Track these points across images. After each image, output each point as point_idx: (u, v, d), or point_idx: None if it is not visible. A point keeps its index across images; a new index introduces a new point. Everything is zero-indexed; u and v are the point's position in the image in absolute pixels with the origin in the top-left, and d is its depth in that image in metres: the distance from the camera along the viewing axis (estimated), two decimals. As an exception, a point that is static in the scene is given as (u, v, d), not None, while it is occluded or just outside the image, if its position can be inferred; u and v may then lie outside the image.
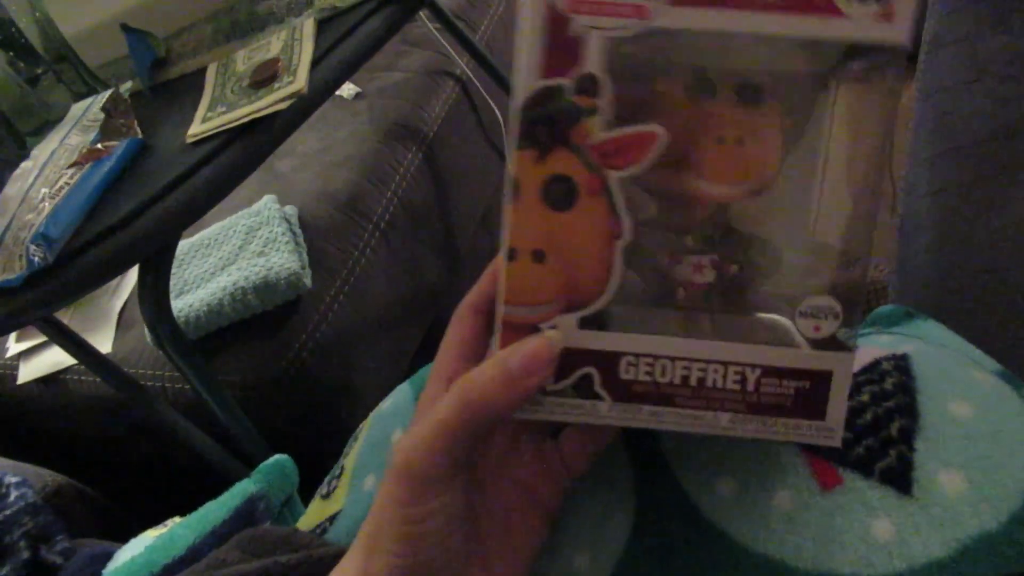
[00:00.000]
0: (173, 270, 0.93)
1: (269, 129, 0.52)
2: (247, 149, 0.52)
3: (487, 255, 1.22)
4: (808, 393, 0.28)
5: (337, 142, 1.01)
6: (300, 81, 0.52)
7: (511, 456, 0.33)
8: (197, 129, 0.52)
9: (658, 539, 0.32)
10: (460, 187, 1.10)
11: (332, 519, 0.45)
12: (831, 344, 0.27)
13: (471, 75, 1.11)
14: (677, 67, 0.27)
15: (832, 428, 0.28)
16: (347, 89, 1.07)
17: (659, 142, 0.27)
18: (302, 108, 0.53)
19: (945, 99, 0.64)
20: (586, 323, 0.28)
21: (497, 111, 1.16)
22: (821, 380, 0.27)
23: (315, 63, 0.54)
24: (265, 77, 0.54)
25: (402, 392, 0.50)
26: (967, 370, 0.32)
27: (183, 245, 0.95)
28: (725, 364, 0.28)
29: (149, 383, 0.88)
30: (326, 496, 0.48)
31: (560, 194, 0.28)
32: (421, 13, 1.11)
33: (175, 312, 0.85)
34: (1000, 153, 0.59)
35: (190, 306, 0.85)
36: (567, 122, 0.27)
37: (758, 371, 0.28)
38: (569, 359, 0.28)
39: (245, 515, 0.53)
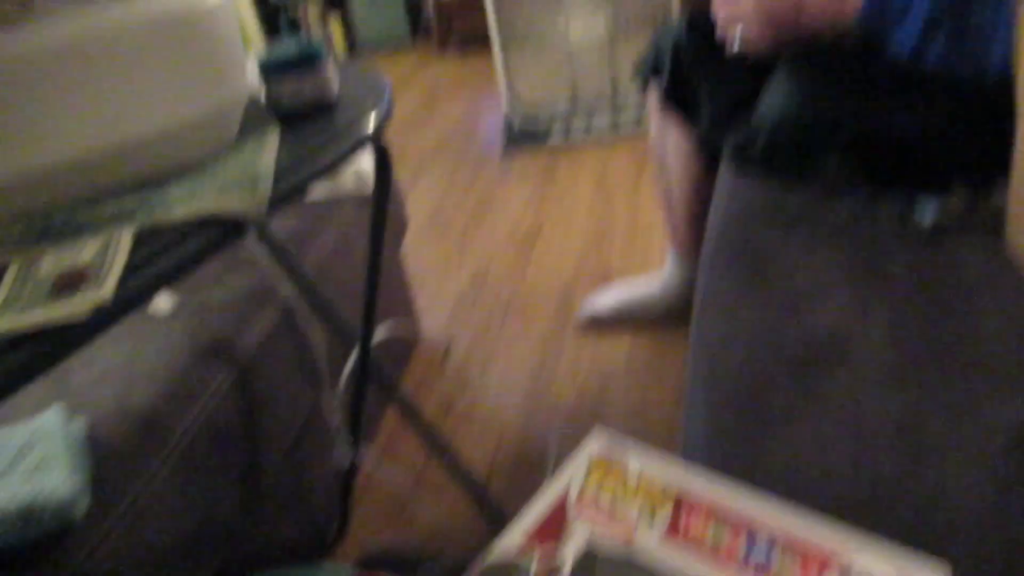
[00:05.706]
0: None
1: (62, 337, 0.50)
2: (34, 356, 0.49)
3: (289, 493, 1.17)
4: None
5: (144, 356, 0.97)
6: (105, 292, 0.51)
7: None
8: (-19, 330, 0.50)
9: None
10: (270, 414, 1.07)
11: None
12: None
13: (295, 303, 1.13)
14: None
15: None
16: (163, 302, 1.05)
17: None
18: (103, 319, 0.52)
19: (713, 354, 0.73)
20: None
21: (317, 342, 1.17)
22: None
23: (126, 276, 0.54)
24: (69, 283, 0.53)
25: None
26: None
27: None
28: None
29: None
30: None
31: None
32: (253, 233, 1.14)
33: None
34: (757, 407, 0.67)
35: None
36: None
37: None
38: None
39: None
